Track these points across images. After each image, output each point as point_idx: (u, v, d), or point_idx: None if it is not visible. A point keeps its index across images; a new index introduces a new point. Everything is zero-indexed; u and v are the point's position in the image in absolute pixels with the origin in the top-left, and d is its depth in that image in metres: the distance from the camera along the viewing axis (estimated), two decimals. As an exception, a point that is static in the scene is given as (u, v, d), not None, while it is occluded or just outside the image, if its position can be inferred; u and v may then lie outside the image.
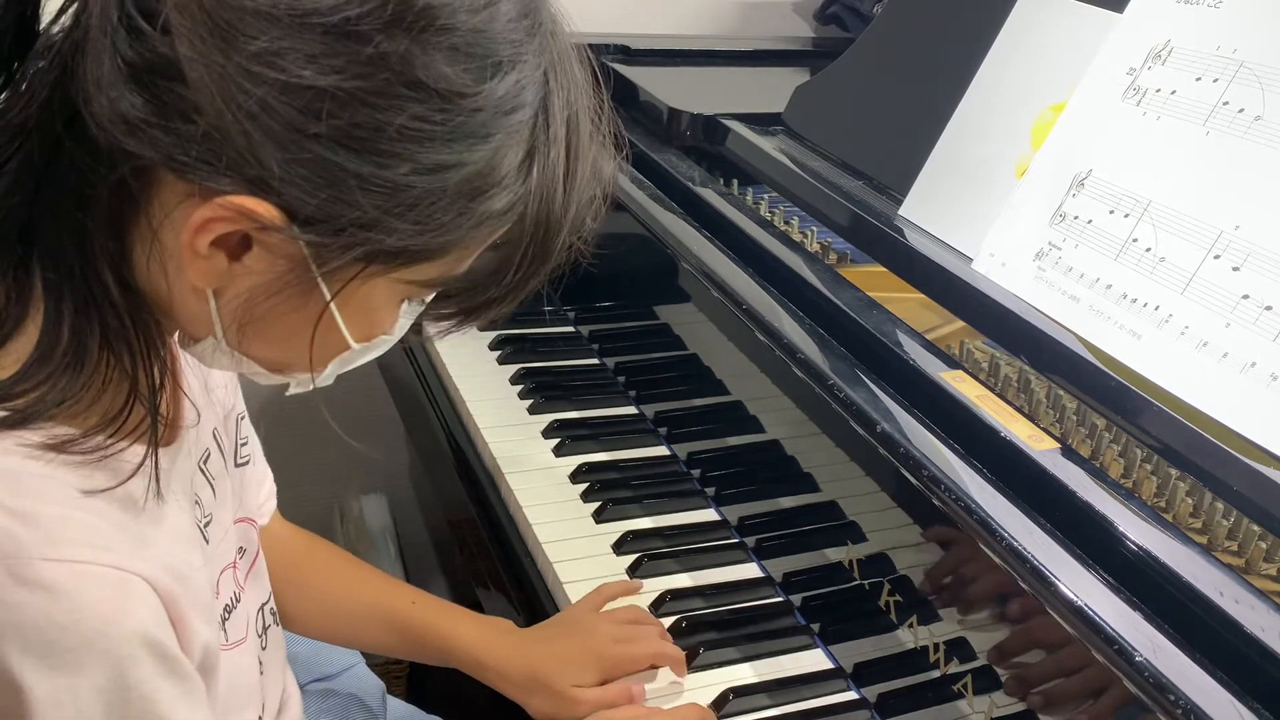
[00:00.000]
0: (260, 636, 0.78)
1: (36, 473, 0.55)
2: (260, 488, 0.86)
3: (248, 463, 0.81)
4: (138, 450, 0.59)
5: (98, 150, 0.53)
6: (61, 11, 0.55)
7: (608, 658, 0.88)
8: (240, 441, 0.80)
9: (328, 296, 0.57)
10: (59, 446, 0.56)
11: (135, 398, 0.59)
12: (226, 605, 0.73)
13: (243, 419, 0.80)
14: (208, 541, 0.70)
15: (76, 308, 0.56)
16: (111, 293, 0.56)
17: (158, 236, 0.55)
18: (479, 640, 0.91)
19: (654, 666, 0.90)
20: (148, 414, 0.59)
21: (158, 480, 0.61)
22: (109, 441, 0.58)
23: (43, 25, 0.56)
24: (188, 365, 0.70)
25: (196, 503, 0.69)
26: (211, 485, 0.72)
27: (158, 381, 0.60)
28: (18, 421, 0.55)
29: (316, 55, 0.50)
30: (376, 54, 0.51)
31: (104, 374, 0.58)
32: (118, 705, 0.56)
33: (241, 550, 0.76)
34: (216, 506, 0.72)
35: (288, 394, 0.66)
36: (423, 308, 0.64)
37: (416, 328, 0.66)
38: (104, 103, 0.51)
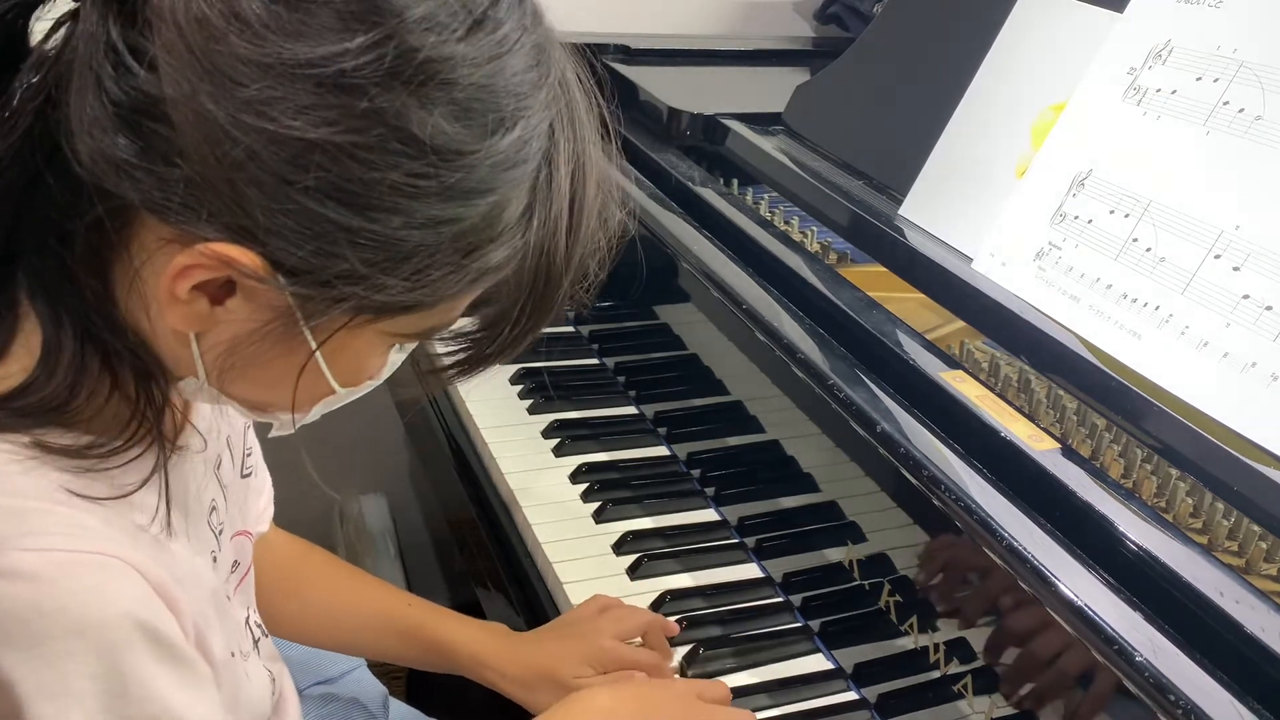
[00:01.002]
0: (256, 646, 0.78)
1: (17, 471, 0.54)
2: (260, 497, 0.86)
3: (251, 474, 0.80)
4: (142, 465, 0.58)
5: (78, 186, 0.51)
6: (53, 31, 0.53)
7: (608, 650, 0.88)
8: (246, 451, 0.79)
9: (313, 345, 0.55)
10: (47, 448, 0.55)
11: (139, 418, 0.58)
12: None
13: (248, 428, 0.80)
14: (220, 550, 0.69)
15: (74, 330, 0.55)
16: (100, 326, 0.55)
17: (139, 275, 0.54)
18: (478, 641, 0.91)
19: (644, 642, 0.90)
20: (151, 432, 0.58)
21: (169, 502, 0.60)
22: (108, 453, 0.57)
23: (34, 42, 0.54)
24: None
25: (213, 509, 0.69)
26: (224, 493, 0.71)
27: (161, 402, 0.58)
28: (8, 426, 0.55)
29: (308, 106, 0.48)
30: (371, 108, 0.49)
31: (106, 390, 0.57)
32: (114, 693, 0.54)
33: (235, 564, 0.76)
34: (227, 517, 0.71)
35: (270, 435, 0.64)
36: (410, 351, 0.62)
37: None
38: (86, 140, 0.50)
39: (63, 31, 0.52)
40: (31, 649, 0.52)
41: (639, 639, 0.91)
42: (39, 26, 0.54)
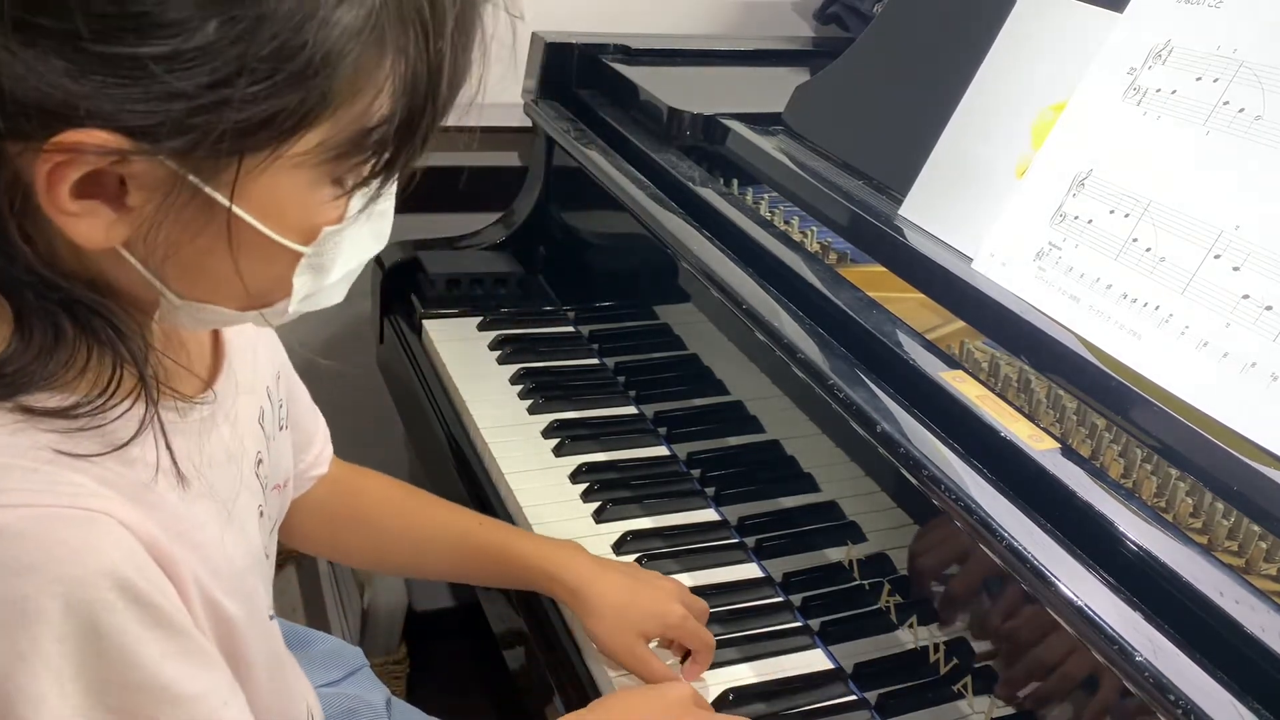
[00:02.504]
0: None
1: (3, 434, 0.52)
2: (309, 447, 0.83)
3: (285, 427, 0.77)
4: (133, 417, 0.56)
5: None
6: None
7: (675, 616, 0.87)
8: (279, 403, 0.75)
9: (227, 204, 0.51)
10: (32, 411, 0.53)
11: (119, 368, 0.55)
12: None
13: (281, 378, 0.75)
14: (266, 503, 0.68)
15: (34, 294, 0.53)
16: (46, 285, 0.53)
17: (33, 205, 0.51)
18: (552, 556, 0.90)
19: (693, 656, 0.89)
20: (137, 381, 0.56)
21: (172, 453, 0.57)
22: (94, 410, 0.54)
23: None
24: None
25: (260, 460, 0.67)
26: (268, 445, 0.69)
27: (140, 347, 0.56)
28: None
29: None
30: None
31: (85, 348, 0.54)
32: (90, 656, 0.51)
33: (267, 515, 0.73)
34: (271, 467, 0.70)
35: (272, 324, 0.60)
36: (372, 189, 0.56)
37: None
38: None
39: None
40: (5, 608, 0.50)
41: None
42: None
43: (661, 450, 1.15)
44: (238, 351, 0.68)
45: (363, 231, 0.58)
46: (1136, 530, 0.69)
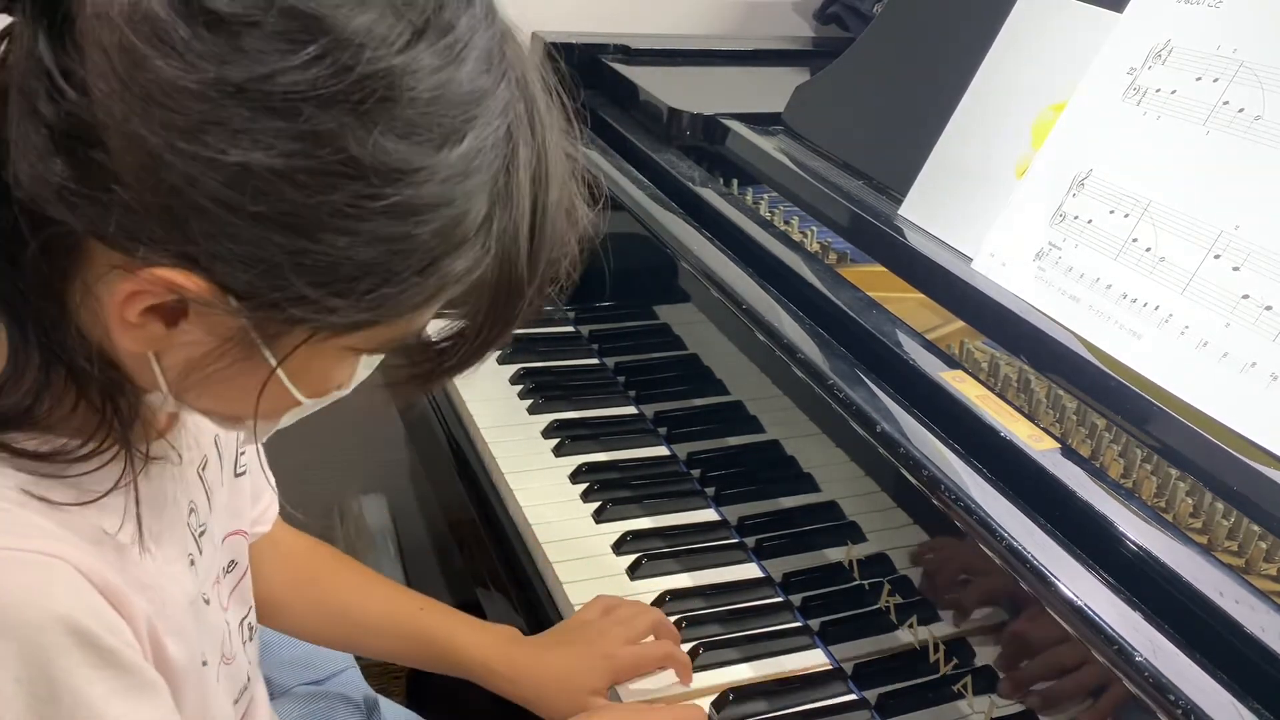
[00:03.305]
0: (242, 647, 0.78)
1: None
2: (259, 499, 0.85)
3: (244, 473, 0.79)
4: (111, 472, 0.57)
5: (25, 208, 0.49)
6: None
7: (619, 658, 0.88)
8: (239, 451, 0.78)
9: (273, 363, 0.54)
10: (10, 450, 0.54)
11: (106, 428, 0.56)
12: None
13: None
14: (200, 553, 0.69)
15: (39, 346, 0.54)
16: (61, 344, 0.54)
17: (92, 297, 0.52)
18: (489, 647, 0.90)
19: (662, 669, 0.89)
20: (118, 441, 0.57)
21: (139, 514, 0.59)
22: (73, 460, 0.55)
23: None
24: None
25: (192, 510, 0.68)
26: (208, 494, 0.71)
27: (128, 414, 0.57)
28: None
29: (242, 130, 0.46)
30: (308, 130, 0.46)
31: (73, 398, 0.56)
32: (42, 699, 0.52)
33: (232, 564, 0.75)
34: (211, 517, 0.71)
35: (240, 442, 0.64)
36: (378, 361, 0.60)
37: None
38: (24, 165, 0.48)
39: (2, 48, 0.50)
40: None
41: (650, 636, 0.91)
42: None
43: (661, 450, 1.15)
44: None
45: (331, 399, 0.61)
46: (1136, 530, 0.69)
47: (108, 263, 0.51)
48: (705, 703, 0.87)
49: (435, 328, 0.60)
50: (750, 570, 1.00)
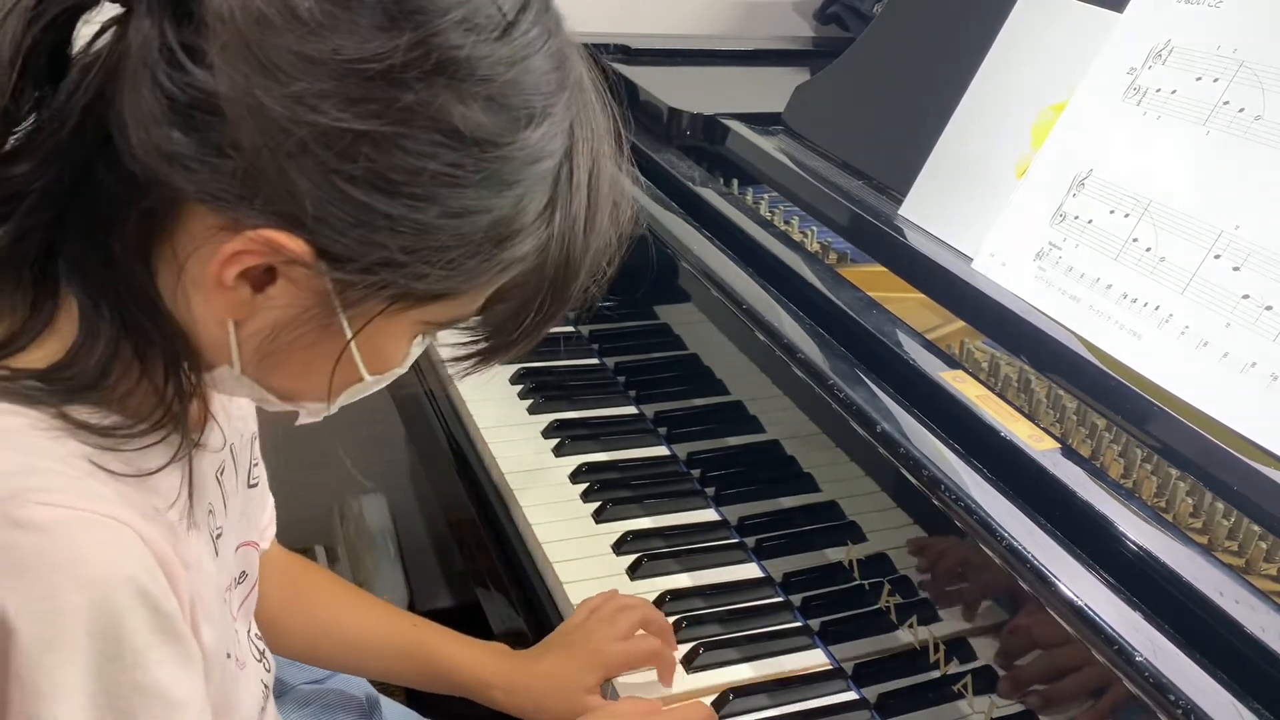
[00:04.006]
0: (261, 659, 0.78)
1: (43, 438, 0.56)
2: (263, 512, 0.86)
3: (257, 485, 0.81)
4: (163, 452, 0.60)
5: (130, 178, 0.53)
6: (97, 36, 0.55)
7: (608, 654, 0.88)
8: (252, 463, 0.80)
9: (349, 334, 0.58)
10: (72, 421, 0.56)
11: (165, 406, 0.59)
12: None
13: (254, 440, 0.81)
14: (217, 554, 0.69)
15: (111, 320, 0.57)
16: (138, 314, 0.57)
17: (184, 265, 0.56)
18: (481, 663, 0.91)
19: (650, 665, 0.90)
20: (175, 419, 0.60)
21: (191, 490, 0.61)
22: (131, 435, 0.58)
23: (76, 50, 0.56)
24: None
25: (210, 513, 0.69)
26: (224, 500, 0.72)
27: (189, 389, 0.60)
28: (31, 397, 0.56)
29: (357, 99, 0.51)
30: (416, 101, 0.52)
31: (136, 375, 0.59)
32: (109, 655, 0.55)
33: (244, 575, 0.76)
34: (226, 522, 0.72)
35: (297, 424, 0.66)
36: (431, 339, 0.65)
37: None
38: (141, 134, 0.52)
39: (110, 34, 0.55)
40: (38, 600, 0.53)
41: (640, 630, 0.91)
42: (85, 30, 0.56)
43: (661, 450, 1.15)
44: (218, 409, 0.71)
45: (384, 382, 0.65)
46: (1136, 530, 0.69)
47: (206, 226, 0.55)
48: (705, 702, 0.87)
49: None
50: (750, 570, 1.00)
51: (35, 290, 0.57)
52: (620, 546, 1.01)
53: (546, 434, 1.15)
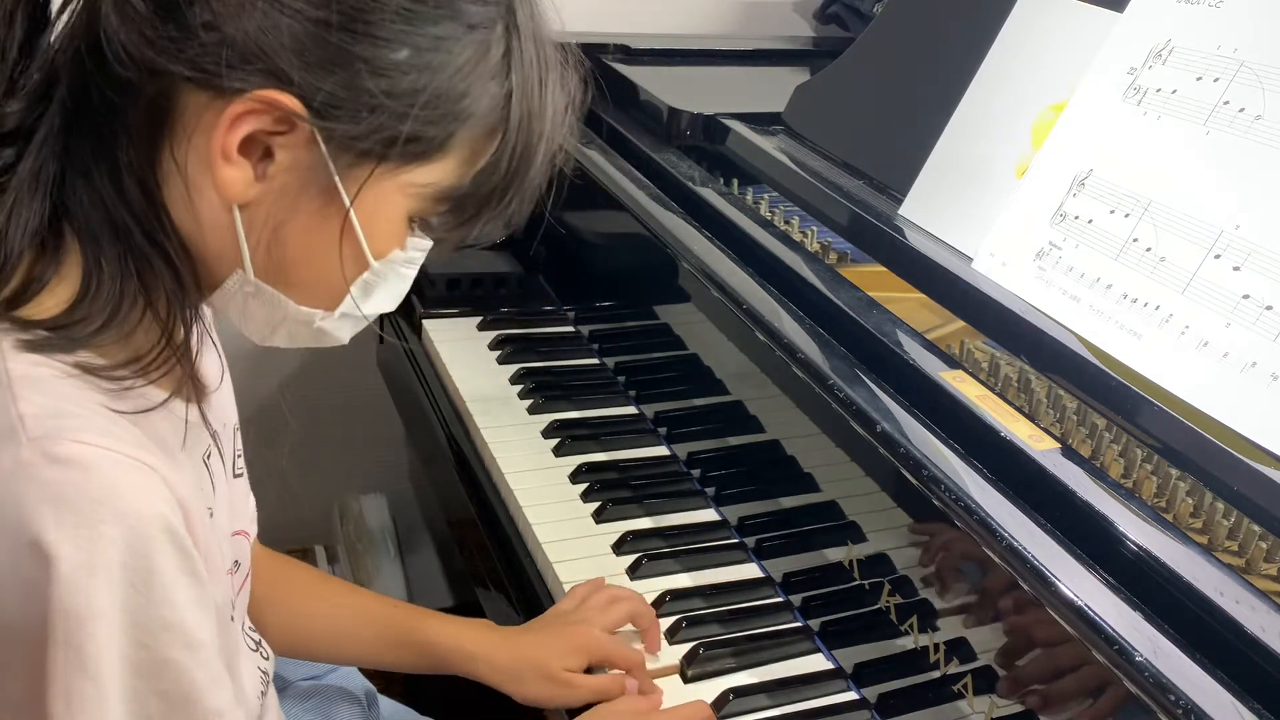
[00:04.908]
0: (256, 650, 0.78)
1: (64, 385, 0.58)
2: (248, 504, 0.86)
3: (241, 475, 0.81)
4: (161, 393, 0.63)
5: (125, 86, 0.58)
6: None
7: (593, 640, 0.89)
8: (236, 453, 0.80)
9: (346, 201, 0.61)
10: (87, 368, 0.59)
11: (166, 341, 0.62)
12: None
13: (236, 431, 0.81)
14: (214, 531, 0.70)
15: (114, 255, 0.60)
16: (145, 237, 0.61)
17: (186, 168, 0.60)
18: (466, 636, 0.91)
19: (634, 627, 0.91)
20: (172, 358, 0.62)
21: (204, 414, 0.65)
22: (134, 376, 0.60)
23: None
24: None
25: (200, 489, 0.69)
26: (213, 482, 0.72)
27: (190, 320, 0.64)
28: (51, 347, 0.59)
29: None
30: None
31: (139, 316, 0.61)
32: (139, 588, 0.56)
33: (237, 565, 0.76)
34: (216, 503, 0.72)
35: (315, 324, 0.67)
36: (430, 235, 0.67)
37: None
38: (131, 34, 0.57)
39: None
40: (79, 529, 0.55)
41: (629, 625, 0.92)
42: None
43: (661, 450, 1.15)
44: (212, 389, 0.72)
45: (395, 284, 0.68)
46: (1136, 530, 0.69)
47: (201, 109, 0.59)
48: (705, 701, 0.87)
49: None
50: (750, 570, 1.00)
51: (46, 230, 0.60)
52: (620, 546, 1.01)
53: (546, 434, 1.15)
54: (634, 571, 0.99)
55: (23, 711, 0.57)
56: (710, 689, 0.88)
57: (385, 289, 0.67)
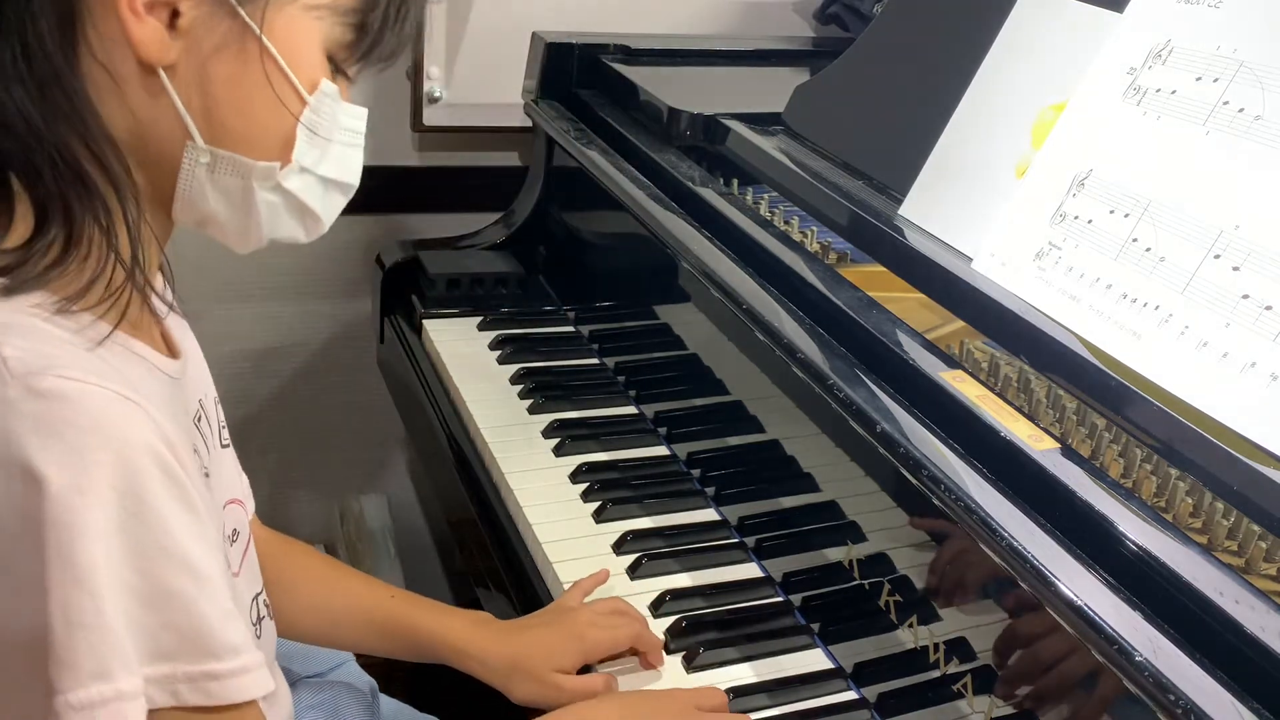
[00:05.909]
0: (255, 626, 0.78)
1: (49, 327, 0.59)
2: (240, 477, 0.86)
3: (229, 447, 0.81)
4: (140, 345, 0.64)
5: None
6: None
7: (588, 640, 0.89)
8: (221, 425, 0.80)
9: (257, 29, 0.63)
10: (61, 308, 0.59)
11: (115, 256, 0.62)
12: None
13: (218, 403, 0.81)
14: (210, 493, 0.70)
15: (53, 183, 0.60)
16: (84, 150, 0.61)
17: (101, 48, 0.61)
18: (459, 630, 0.91)
19: (633, 652, 0.90)
20: (136, 278, 0.63)
21: (167, 334, 0.67)
22: (101, 301, 0.61)
23: None
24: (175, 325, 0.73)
25: (195, 451, 0.69)
26: (205, 444, 0.72)
27: (136, 232, 0.63)
28: (16, 289, 0.59)
29: None
30: None
31: (89, 245, 0.61)
32: (132, 512, 0.57)
33: (235, 533, 0.76)
34: (210, 465, 0.72)
35: (284, 185, 0.68)
36: (348, 72, 0.69)
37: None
38: None
39: None
40: (65, 453, 0.55)
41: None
42: None
43: (661, 450, 1.15)
44: (187, 356, 0.73)
45: (344, 151, 0.69)
46: (1136, 530, 0.69)
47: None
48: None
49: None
50: (750, 570, 1.00)
51: None
52: (620, 546, 1.01)
53: (546, 434, 1.15)
54: (634, 571, 0.99)
55: (35, 651, 0.56)
56: (710, 688, 0.88)
57: (336, 153, 0.68)
